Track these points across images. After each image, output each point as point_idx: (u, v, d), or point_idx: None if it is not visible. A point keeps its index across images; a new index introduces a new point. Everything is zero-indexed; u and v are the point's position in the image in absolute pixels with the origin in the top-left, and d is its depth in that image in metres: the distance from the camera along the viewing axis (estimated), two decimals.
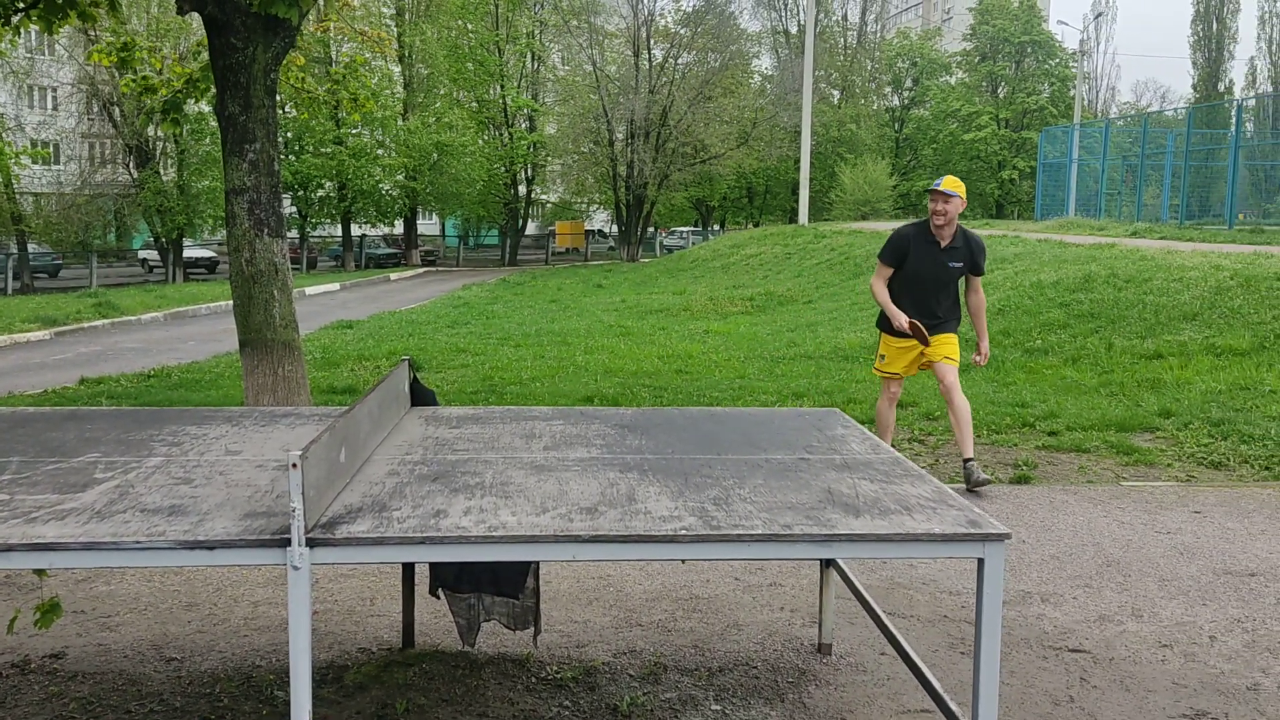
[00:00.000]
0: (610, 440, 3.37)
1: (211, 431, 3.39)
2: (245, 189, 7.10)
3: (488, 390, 10.16)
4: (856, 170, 44.11)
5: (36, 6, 7.38)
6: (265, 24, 6.93)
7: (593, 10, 43.90)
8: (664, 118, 41.24)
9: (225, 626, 4.04)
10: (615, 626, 4.10)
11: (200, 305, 22.27)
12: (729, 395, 9.73)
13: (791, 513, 2.52)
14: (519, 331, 16.18)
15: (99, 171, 36.76)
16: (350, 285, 30.83)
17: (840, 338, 13.86)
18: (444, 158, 40.11)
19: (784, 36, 55.15)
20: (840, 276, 21.43)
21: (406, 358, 4.02)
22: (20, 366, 13.26)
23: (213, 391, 10.00)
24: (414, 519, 2.46)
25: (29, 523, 2.36)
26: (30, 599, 4.26)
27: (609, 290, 26.38)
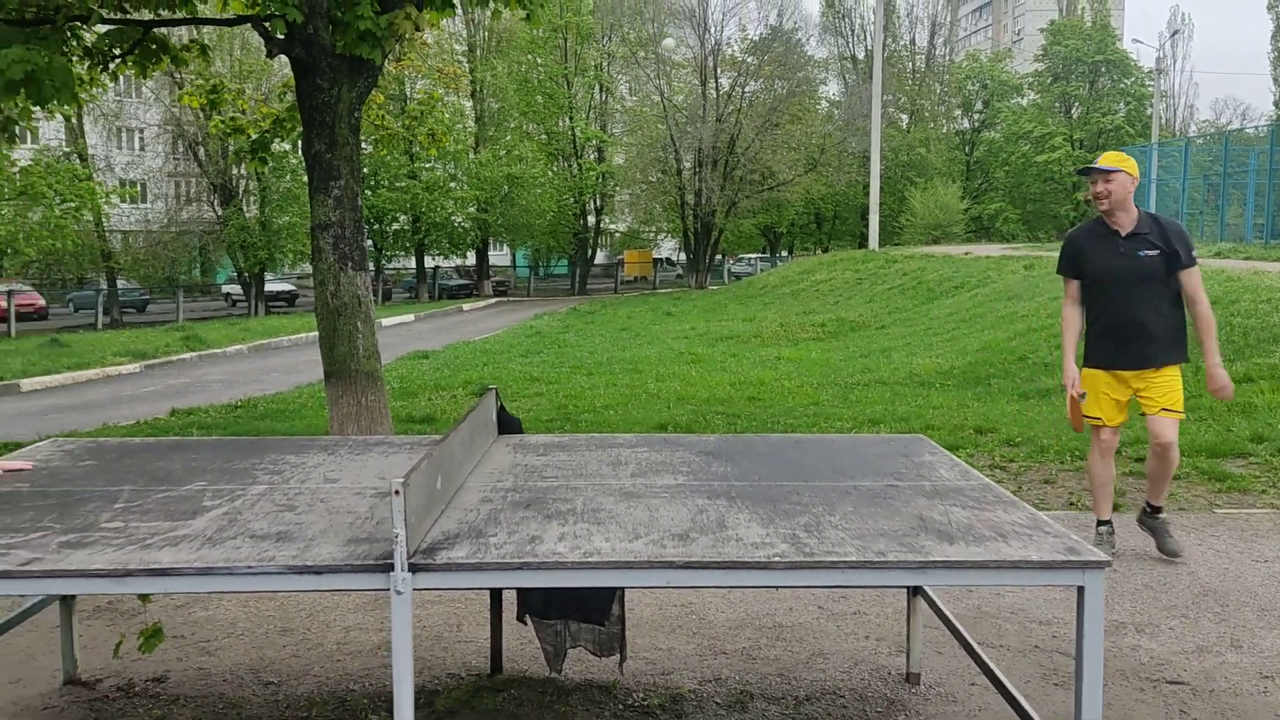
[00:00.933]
0: (695, 467, 3.40)
1: (309, 460, 3.50)
2: (330, 224, 7.30)
3: (562, 418, 10.24)
4: (927, 194, 43.72)
5: (133, 52, 7.70)
6: (350, 65, 7.15)
7: (659, 41, 44.33)
8: (731, 145, 41.37)
9: (319, 651, 4.14)
10: (699, 654, 4.10)
11: (282, 337, 22.85)
12: (803, 422, 9.69)
13: (884, 539, 2.52)
14: (591, 360, 16.31)
15: (185, 209, 38.02)
16: (424, 316, 31.36)
17: (915, 363, 13.72)
18: (514, 189, 40.74)
19: (851, 62, 55.03)
20: (913, 301, 21.22)
21: (493, 387, 4.10)
22: (114, 399, 13.74)
23: (297, 421, 10.24)
24: (510, 545, 2.51)
25: (144, 549, 2.46)
26: (133, 624, 4.40)
27: (679, 318, 26.45)
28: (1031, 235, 51.36)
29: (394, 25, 6.90)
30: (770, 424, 9.63)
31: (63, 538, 2.55)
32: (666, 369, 14.65)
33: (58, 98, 6.81)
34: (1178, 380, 5.03)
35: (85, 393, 14.67)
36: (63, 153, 31.45)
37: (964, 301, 18.97)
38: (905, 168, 50.52)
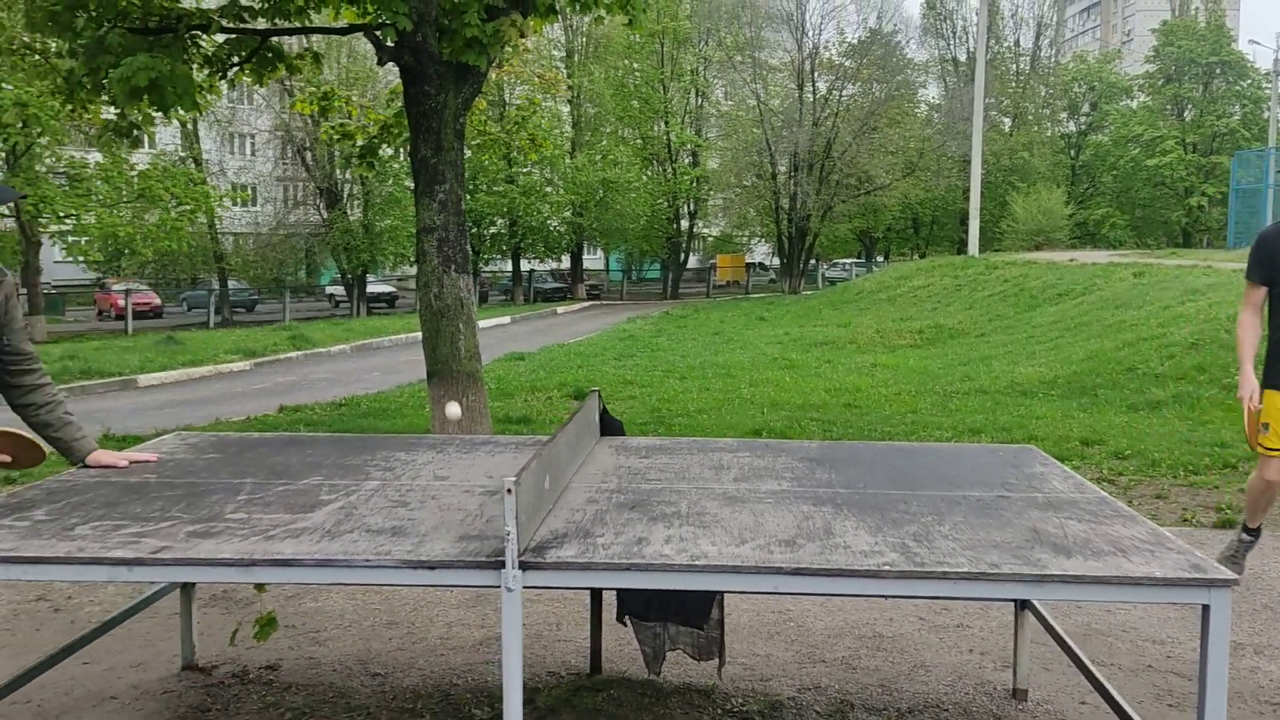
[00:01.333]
0: (799, 473, 3.38)
1: (419, 457, 3.58)
2: (435, 228, 7.46)
3: (656, 422, 10.27)
4: (1029, 199, 42.60)
5: (250, 60, 7.99)
6: (456, 71, 7.30)
7: (757, 45, 44.16)
8: (828, 149, 40.96)
9: (423, 645, 4.23)
10: (798, 661, 4.07)
11: (383, 338, 23.40)
12: (901, 430, 9.54)
13: (997, 551, 2.47)
14: (683, 364, 16.32)
15: (292, 212, 39.27)
16: (519, 318, 31.78)
17: (1016, 372, 13.39)
18: (609, 194, 41.03)
19: (952, 65, 53.98)
20: (1014, 309, 20.71)
21: (596, 389, 4.14)
22: (225, 395, 14.24)
23: (398, 420, 10.48)
24: (617, 545, 2.53)
25: (268, 540, 2.56)
26: (246, 613, 4.56)
27: (772, 323, 26.28)
28: (1140, 242, 49.63)
29: (500, 32, 7.01)
30: (867, 431, 9.51)
31: (190, 527, 2.66)
32: (760, 374, 14.58)
33: (179, 104, 7.11)
34: None
35: (198, 389, 15.24)
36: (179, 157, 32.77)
37: (1068, 309, 18.44)
38: (1007, 172, 49.35)
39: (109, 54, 6.86)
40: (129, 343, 22.20)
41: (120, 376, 15.53)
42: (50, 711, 3.63)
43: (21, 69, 9.94)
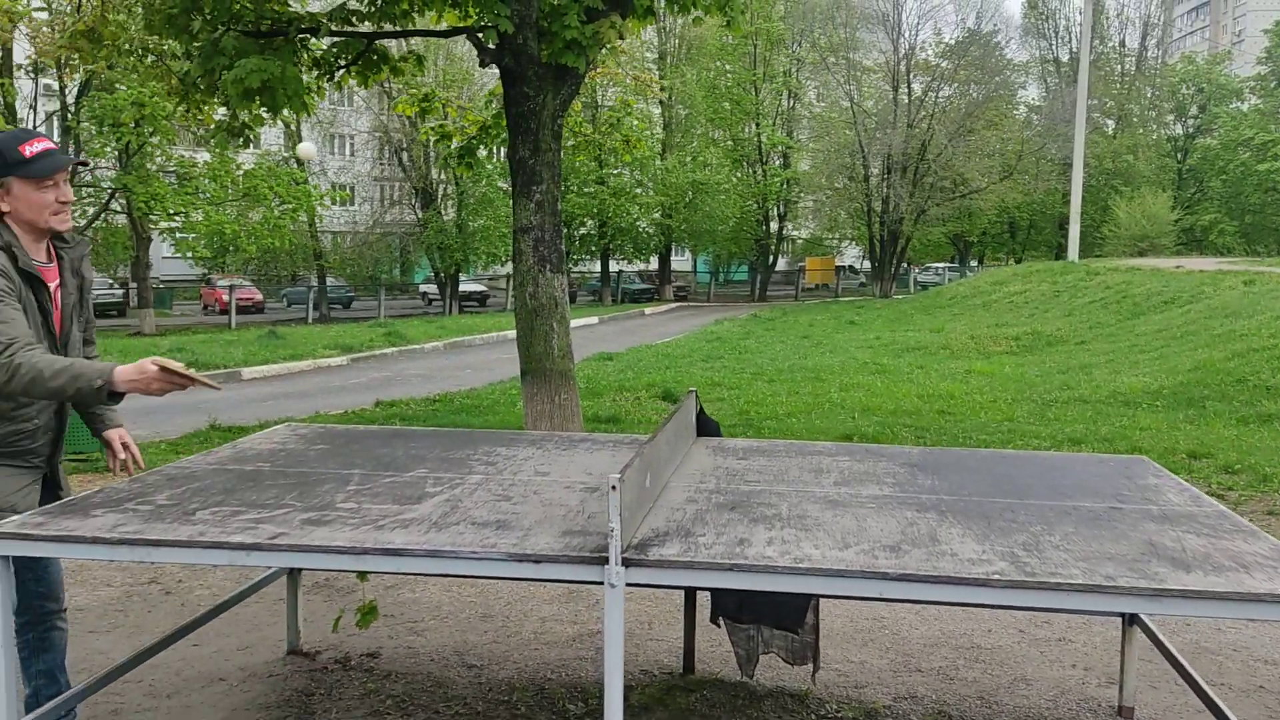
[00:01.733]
0: (901, 479, 3.33)
1: (520, 453, 3.63)
2: (531, 227, 7.55)
3: (744, 424, 10.23)
4: (1133, 203, 41.30)
5: (357, 63, 8.20)
6: (555, 73, 7.38)
7: (851, 46, 43.67)
8: (922, 152, 40.30)
9: (517, 639, 4.28)
10: (894, 670, 4.02)
11: (474, 336, 23.75)
12: (997, 438, 9.33)
13: (1112, 564, 2.41)
14: (772, 367, 16.21)
15: (388, 212, 40.14)
16: (608, 319, 31.95)
17: (1119, 381, 12.99)
18: (699, 195, 41.01)
19: (1054, 65, 52.60)
20: (1116, 317, 20.10)
21: (693, 390, 4.14)
22: (323, 389, 14.62)
23: (490, 416, 10.63)
24: (719, 546, 2.53)
25: (378, 529, 2.62)
26: (347, 601, 4.68)
27: (862, 327, 25.95)
28: (1250, 249, 47.65)
29: (599, 34, 7.08)
30: (962, 439, 9.33)
31: (304, 515, 2.73)
32: (850, 378, 14.41)
33: (289, 105, 7.33)
34: None
35: (298, 382, 15.68)
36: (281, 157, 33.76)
37: (1174, 318, 17.82)
38: (1110, 175, 47.91)
39: (223, 56, 7.11)
40: (233, 336, 22.95)
41: (225, 369, 16.06)
42: (162, 691, 3.78)
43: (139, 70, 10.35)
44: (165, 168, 26.49)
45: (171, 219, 26.15)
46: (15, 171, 2.87)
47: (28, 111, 26.57)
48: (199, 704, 3.65)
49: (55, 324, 2.99)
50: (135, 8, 8.42)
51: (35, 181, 2.88)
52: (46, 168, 2.89)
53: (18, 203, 2.89)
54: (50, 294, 2.98)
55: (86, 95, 24.23)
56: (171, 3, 7.31)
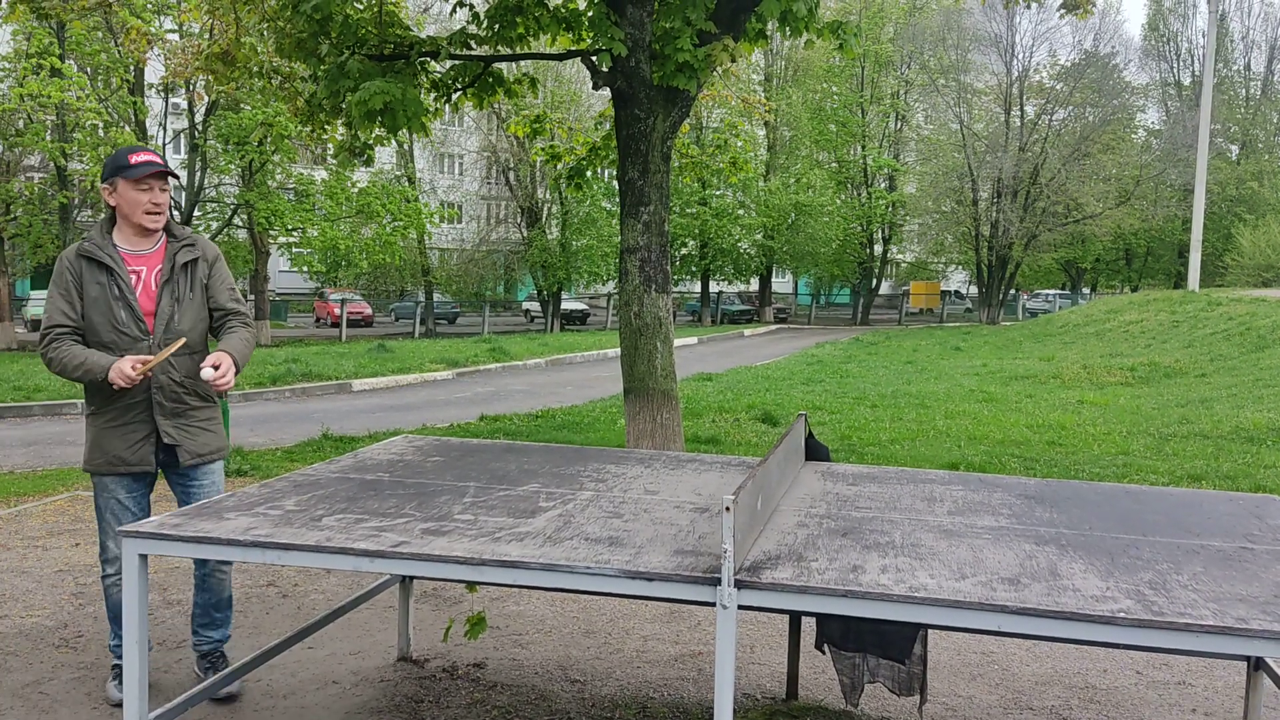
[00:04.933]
0: (1017, 510, 3.27)
1: (629, 471, 3.66)
2: (638, 248, 7.62)
3: (847, 450, 10.10)
4: (1259, 232, 39.55)
5: (473, 85, 8.41)
6: (666, 95, 7.46)
7: (962, 69, 42.98)
8: (1034, 176, 39.36)
9: (620, 656, 4.31)
10: (1003, 706, 3.92)
11: (576, 354, 24.01)
12: (1111, 472, 9.03)
13: (1243, 605, 2.32)
14: (874, 392, 15.98)
15: (494, 230, 40.93)
16: (707, 340, 31.94)
17: (1242, 416, 12.44)
18: (801, 217, 40.78)
19: (1175, 89, 50.92)
20: (1240, 349, 19.27)
21: (803, 414, 4.13)
22: (429, 402, 14.96)
23: (591, 434, 10.72)
24: (832, 571, 2.51)
25: (494, 541, 2.68)
26: (454, 611, 4.78)
27: (968, 353, 25.40)
28: None
29: (711, 57, 7.12)
30: (1074, 471, 9.05)
31: (423, 525, 2.81)
32: (956, 406, 14.11)
33: (409, 126, 7.55)
34: None
35: (405, 395, 16.07)
36: (394, 176, 34.73)
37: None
38: (1233, 203, 46.03)
39: (348, 79, 7.37)
40: (344, 349, 23.66)
41: (336, 380, 16.56)
42: (279, 691, 3.91)
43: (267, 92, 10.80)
44: (285, 185, 27.51)
45: (289, 234, 27.12)
46: (121, 174, 3.61)
47: (157, 129, 27.90)
48: (314, 705, 3.77)
49: (142, 301, 3.64)
50: (267, 32, 8.80)
51: (133, 182, 3.59)
52: (141, 169, 3.59)
53: (122, 200, 3.62)
54: (135, 276, 3.64)
55: (214, 114, 25.34)
56: (301, 27, 7.62)
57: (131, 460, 3.65)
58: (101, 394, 3.62)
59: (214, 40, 9.46)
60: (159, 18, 23.31)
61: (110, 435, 3.65)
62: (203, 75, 10.11)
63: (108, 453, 3.65)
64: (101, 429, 3.66)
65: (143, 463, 3.67)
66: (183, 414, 3.73)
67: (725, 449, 10.01)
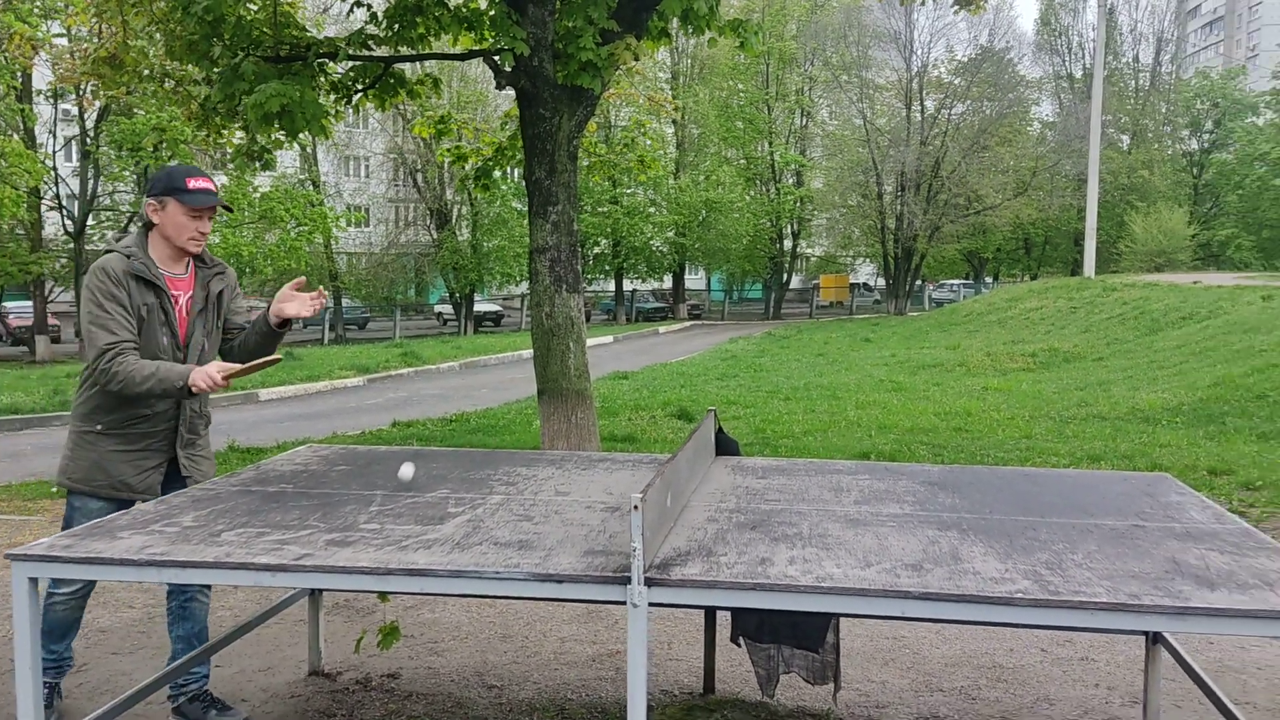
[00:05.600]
0: (921, 497, 3.33)
1: (540, 473, 3.64)
2: (548, 248, 7.59)
3: (761, 443, 10.22)
4: (1149, 219, 41.21)
5: (374, 86, 8.27)
6: (570, 94, 7.44)
7: (863, 65, 43.79)
8: (936, 169, 40.34)
9: (537, 659, 4.28)
10: (915, 690, 4.00)
11: (490, 356, 23.83)
12: (1015, 456, 9.30)
13: (1135, 582, 2.40)
14: (787, 385, 16.20)
15: (403, 233, 40.37)
16: (622, 338, 32.00)
17: (1138, 398, 12.93)
18: (712, 214, 41.12)
19: (1067, 81, 52.59)
20: (1135, 332, 20.02)
21: (712, 409, 4.15)
22: (339, 409, 14.69)
23: (506, 436, 10.65)
24: (741, 565, 2.53)
25: (401, 550, 2.63)
26: (367, 622, 4.70)
27: (877, 344, 25.92)
28: (1269, 264, 47.38)
29: (614, 55, 7.13)
30: (979, 456, 9.30)
31: (328, 536, 2.75)
32: (866, 396, 14.39)
33: (308, 128, 7.39)
34: None
35: (315, 403, 15.76)
36: (298, 180, 34.01)
37: (1192, 333, 17.74)
38: (1125, 191, 47.79)
39: (243, 81, 7.19)
40: None
41: (243, 390, 16.15)
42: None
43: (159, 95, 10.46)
44: None
45: None
46: (176, 195, 3.45)
47: (47, 136, 26.87)
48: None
49: (179, 327, 3.51)
50: (156, 35, 8.53)
51: (188, 209, 3.45)
52: (199, 199, 3.46)
53: (167, 220, 3.47)
54: (174, 301, 3.50)
55: (105, 120, 24.50)
56: (192, 29, 7.40)
57: (138, 487, 3.47)
58: (119, 414, 3.44)
59: (101, 44, 9.13)
60: (46, 22, 22.44)
61: (119, 459, 3.45)
62: (91, 80, 9.75)
63: (112, 476, 3.45)
64: (109, 451, 3.45)
65: (148, 490, 3.48)
66: (193, 444, 3.62)
67: (642, 446, 10.04)
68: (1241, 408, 11.36)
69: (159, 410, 3.47)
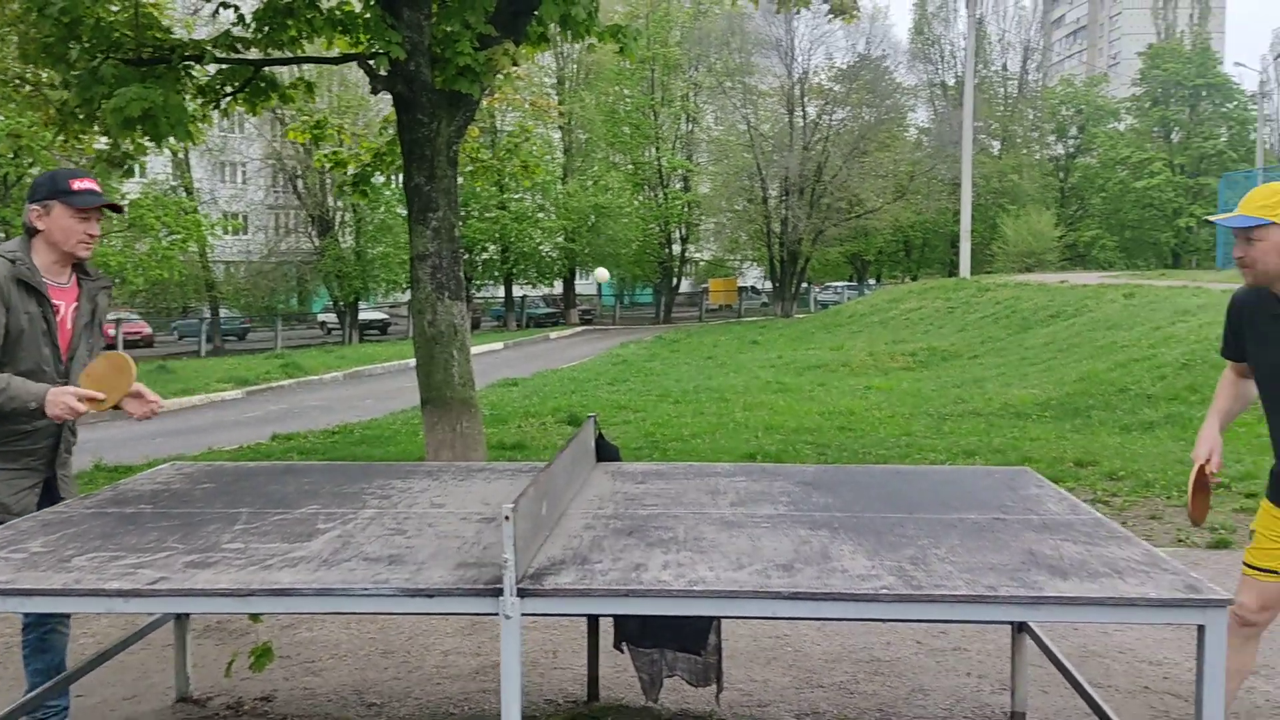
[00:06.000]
0: (795, 497, 3.39)
1: (415, 485, 3.58)
2: (428, 255, 7.47)
3: (650, 447, 10.27)
4: (1020, 221, 42.90)
5: (243, 90, 8.03)
6: (449, 99, 7.34)
7: (746, 71, 44.49)
8: (818, 174, 41.24)
9: (419, 674, 4.21)
10: (796, 687, 4.06)
11: (375, 365, 23.38)
12: (895, 453, 9.55)
13: (994, 574, 2.48)
14: (677, 388, 16.33)
15: (284, 240, 39.32)
16: (512, 344, 31.79)
17: (1010, 394, 13.43)
18: (601, 219, 41.22)
19: (941, 89, 54.43)
20: (1007, 331, 20.79)
21: (593, 415, 4.15)
22: (217, 424, 14.21)
23: (392, 447, 10.46)
24: (615, 572, 2.53)
25: (265, 569, 2.55)
26: (241, 644, 4.54)
27: (765, 346, 26.34)
28: (1130, 263, 49.91)
29: (492, 60, 7.07)
30: (861, 454, 9.51)
31: (187, 558, 2.65)
32: (754, 398, 14.60)
33: (173, 134, 7.14)
34: None
35: (190, 418, 15.20)
36: (170, 187, 32.81)
37: (1060, 331, 18.52)
38: (997, 194, 49.68)
39: (102, 85, 6.90)
40: None
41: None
42: None
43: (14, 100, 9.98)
44: None
45: None
46: (61, 198, 3.34)
47: None
48: None
49: (61, 339, 3.38)
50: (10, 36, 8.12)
51: (74, 210, 3.33)
52: (85, 200, 3.36)
53: (54, 224, 3.34)
54: (57, 311, 3.37)
55: None
56: (48, 31, 7.07)
57: (14, 509, 3.26)
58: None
59: None
60: None
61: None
62: None
63: None
64: None
65: (24, 512, 3.28)
66: (66, 463, 3.51)
67: (531, 454, 9.98)
68: (1105, 401, 11.90)
69: (39, 426, 3.30)
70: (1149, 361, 13.02)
